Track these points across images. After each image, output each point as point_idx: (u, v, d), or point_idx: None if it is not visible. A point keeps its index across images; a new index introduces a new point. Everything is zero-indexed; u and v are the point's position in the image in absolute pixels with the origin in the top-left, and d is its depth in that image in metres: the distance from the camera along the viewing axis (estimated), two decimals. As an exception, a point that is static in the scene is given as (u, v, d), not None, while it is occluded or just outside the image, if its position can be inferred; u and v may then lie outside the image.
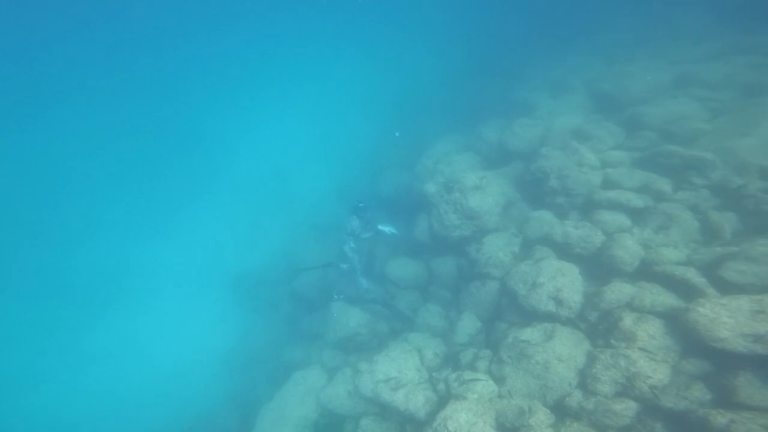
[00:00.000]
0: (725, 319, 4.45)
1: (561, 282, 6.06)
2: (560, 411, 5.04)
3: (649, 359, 4.80)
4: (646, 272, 5.73)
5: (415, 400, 6.03)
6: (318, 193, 12.69)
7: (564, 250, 6.80)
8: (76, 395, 9.70)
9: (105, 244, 12.56)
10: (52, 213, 13.03)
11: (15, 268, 11.65)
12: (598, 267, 6.24)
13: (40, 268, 11.73)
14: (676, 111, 7.54)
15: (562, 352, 5.35)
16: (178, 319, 11.17)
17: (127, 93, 16.76)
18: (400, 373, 6.56)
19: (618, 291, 5.58)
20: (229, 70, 17.65)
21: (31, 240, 12.39)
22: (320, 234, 11.85)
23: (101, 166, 14.25)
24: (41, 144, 15.48)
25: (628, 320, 5.14)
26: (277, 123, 14.65)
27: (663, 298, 5.24)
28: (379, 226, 8.44)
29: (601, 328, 5.55)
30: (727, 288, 4.97)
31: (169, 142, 14.78)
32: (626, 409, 4.71)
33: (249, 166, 13.75)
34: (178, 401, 9.67)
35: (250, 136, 14.72)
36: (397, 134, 11.86)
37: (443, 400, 5.85)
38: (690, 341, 4.73)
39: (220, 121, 15.53)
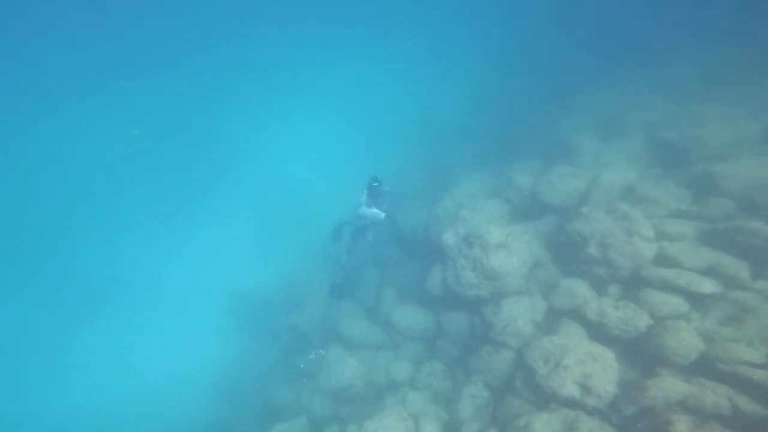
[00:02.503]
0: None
1: (591, 368, 5.09)
2: None
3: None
4: (707, 368, 4.67)
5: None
6: (335, 218, 11.80)
7: (597, 330, 5.66)
8: (57, 404, 9.42)
9: (107, 249, 12.33)
10: (53, 212, 12.95)
11: (10, 266, 11.64)
12: (640, 353, 5.18)
13: (37, 267, 11.66)
14: (764, 176, 5.89)
15: (587, 450, 4.28)
16: (173, 334, 10.64)
17: (143, 95, 16.61)
18: (391, 448, 5.56)
19: (668, 387, 4.61)
20: (253, 79, 17.12)
21: (29, 238, 12.36)
22: (332, 263, 10.95)
23: (111, 167, 14.07)
24: (47, 141, 15.53)
25: (682, 425, 4.22)
26: (300, 139, 13.86)
27: (735, 401, 4.27)
28: (365, 208, 7.37)
29: (640, 426, 4.62)
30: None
31: (185, 147, 14.37)
32: None
33: (267, 180, 13.08)
34: (157, 423, 9.12)
35: (270, 149, 14.03)
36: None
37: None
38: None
39: (240, 131, 14.97)
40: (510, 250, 6.82)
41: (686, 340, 4.89)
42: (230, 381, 9.53)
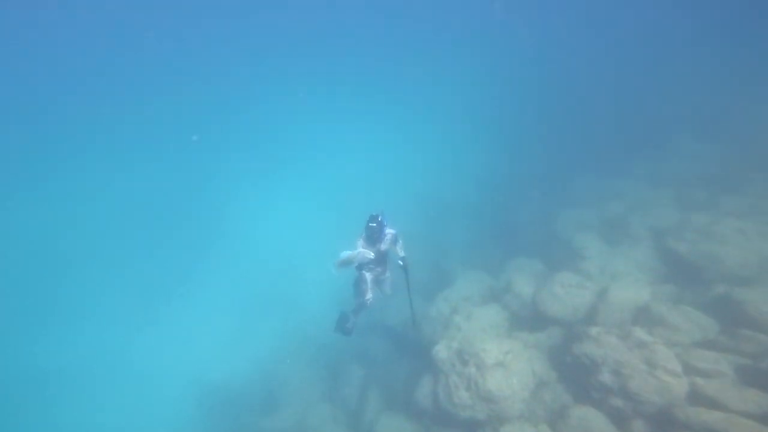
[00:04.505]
0: None
1: None
2: None
3: None
4: None
5: None
6: (320, 301, 10.87)
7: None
8: None
9: (58, 326, 11.16)
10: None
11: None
12: None
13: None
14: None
15: None
16: (123, 423, 9.15)
17: (126, 156, 16.29)
18: None
19: None
20: (246, 138, 16.90)
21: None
22: (315, 353, 9.85)
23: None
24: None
25: None
26: (290, 217, 13.12)
27: None
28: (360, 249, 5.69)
29: None
30: None
31: (165, 218, 13.66)
32: None
33: (251, 258, 12.27)
34: None
35: (258, 224, 13.32)
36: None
37: None
38: None
39: (226, 203, 14.29)
40: (509, 370, 5.93)
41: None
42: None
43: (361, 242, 5.78)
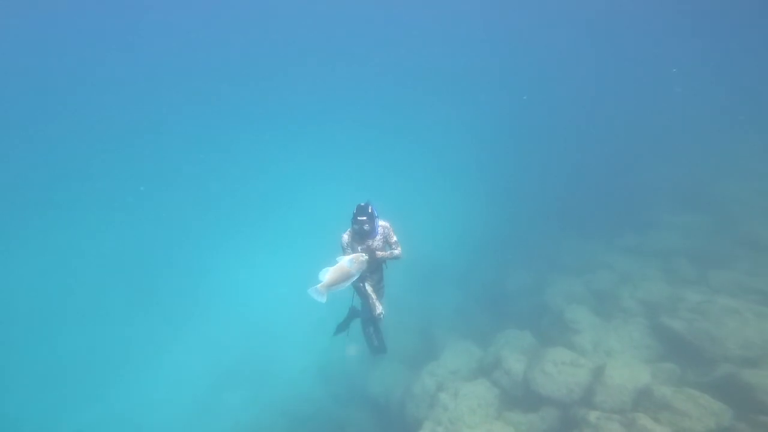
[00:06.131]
0: None
1: None
2: None
3: None
4: None
5: None
6: (297, 368, 9.99)
7: None
8: None
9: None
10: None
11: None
12: None
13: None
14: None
15: None
16: None
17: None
18: None
19: None
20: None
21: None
22: (291, 425, 8.81)
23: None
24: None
25: None
26: (270, 279, 12.20)
27: None
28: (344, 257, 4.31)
29: None
30: None
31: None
32: None
33: (221, 314, 11.43)
34: None
35: (236, 288, 12.44)
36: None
37: None
38: None
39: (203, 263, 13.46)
40: (502, 459, 5.23)
41: None
42: None
43: (346, 239, 4.51)
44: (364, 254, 4.25)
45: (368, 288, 4.63)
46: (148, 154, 21.14)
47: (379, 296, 4.79)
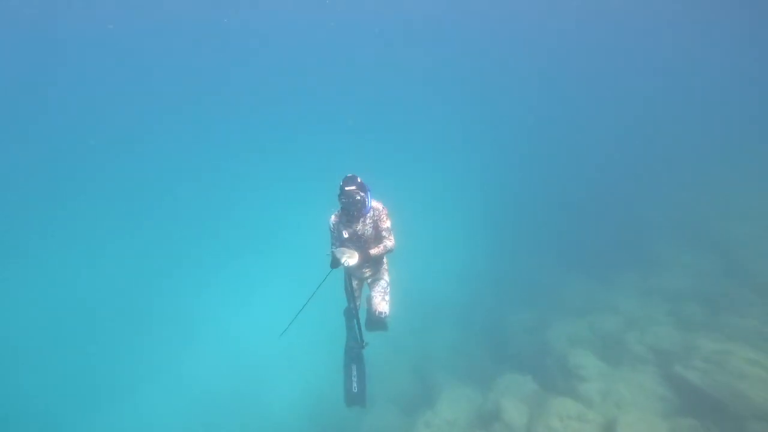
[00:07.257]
0: None
1: None
2: None
3: None
4: None
5: None
6: (287, 405, 9.35)
7: None
8: None
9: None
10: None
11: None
12: None
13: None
14: None
15: None
16: None
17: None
18: None
19: None
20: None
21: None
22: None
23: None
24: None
25: None
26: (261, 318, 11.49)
27: None
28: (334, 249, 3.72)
29: None
30: None
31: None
32: None
33: (209, 347, 10.82)
34: None
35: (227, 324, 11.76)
36: None
37: None
38: None
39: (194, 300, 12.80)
40: None
41: None
42: None
43: (334, 220, 3.83)
44: (354, 256, 3.51)
45: (354, 283, 3.90)
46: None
47: (370, 299, 4.03)
